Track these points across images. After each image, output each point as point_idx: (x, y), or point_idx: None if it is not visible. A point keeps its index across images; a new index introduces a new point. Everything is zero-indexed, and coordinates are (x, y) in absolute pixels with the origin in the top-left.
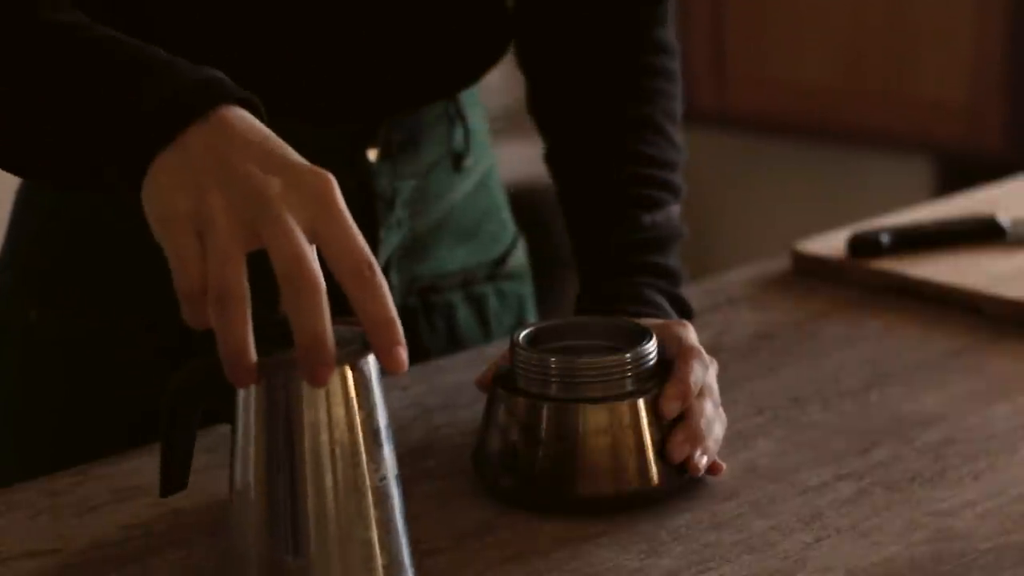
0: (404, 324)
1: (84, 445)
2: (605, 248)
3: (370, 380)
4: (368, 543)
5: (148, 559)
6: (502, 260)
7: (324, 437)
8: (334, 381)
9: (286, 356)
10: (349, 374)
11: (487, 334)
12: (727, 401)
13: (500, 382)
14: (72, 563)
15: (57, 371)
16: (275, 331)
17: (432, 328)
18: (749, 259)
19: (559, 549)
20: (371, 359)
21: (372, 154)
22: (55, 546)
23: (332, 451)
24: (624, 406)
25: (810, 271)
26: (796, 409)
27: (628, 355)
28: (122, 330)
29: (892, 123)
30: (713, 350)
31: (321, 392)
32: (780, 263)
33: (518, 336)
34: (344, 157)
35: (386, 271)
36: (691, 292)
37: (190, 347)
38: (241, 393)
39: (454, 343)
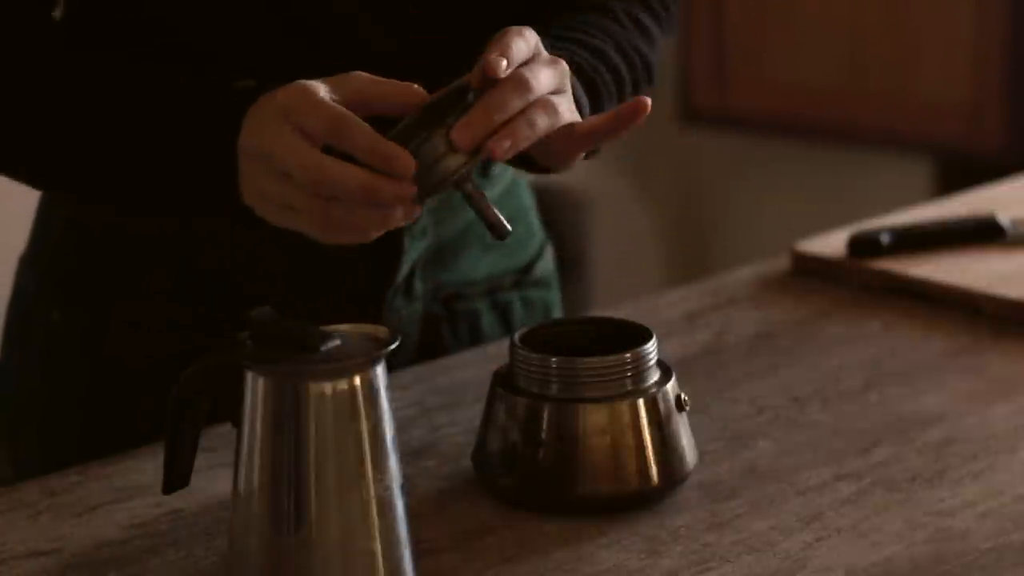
0: (428, 331)
1: (105, 442)
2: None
3: (378, 391)
4: (371, 553)
5: (148, 559)
6: (529, 267)
7: (330, 446)
8: (341, 391)
9: (296, 362)
10: (358, 383)
11: None
12: (727, 401)
13: (500, 382)
14: (72, 563)
15: (79, 370)
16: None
17: (456, 335)
18: (749, 259)
19: (559, 549)
20: (380, 369)
21: None
22: (55, 546)
23: (338, 460)
24: (624, 406)
25: (810, 271)
26: (796, 409)
27: (628, 355)
28: (142, 331)
29: (892, 123)
30: (713, 350)
31: (329, 401)
32: (780, 263)
33: (517, 337)
34: None
35: (410, 279)
36: (691, 292)
37: (207, 348)
38: (248, 397)
39: None
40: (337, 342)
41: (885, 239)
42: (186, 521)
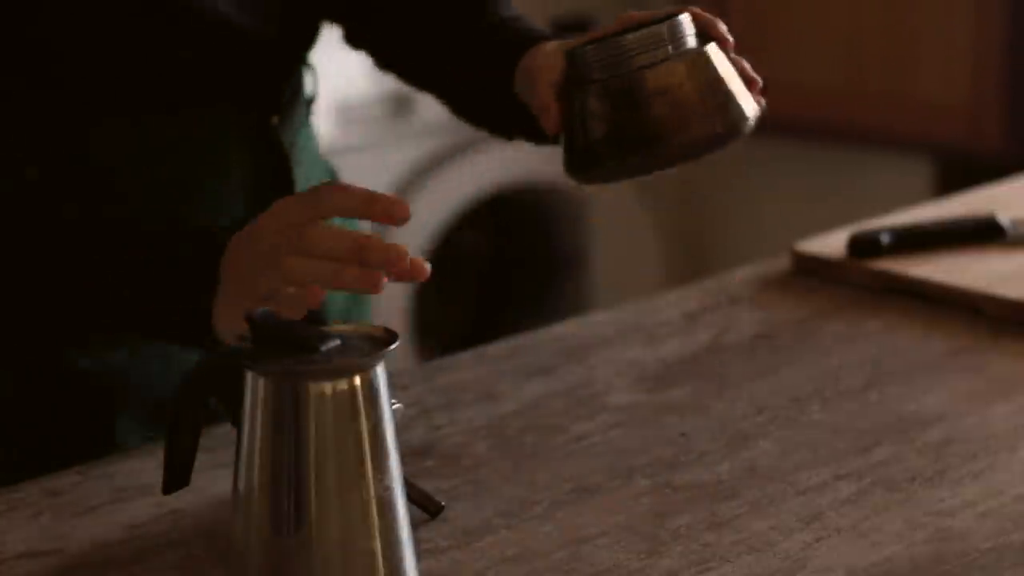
0: None
1: (87, 446)
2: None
3: (379, 390)
4: (371, 553)
5: (148, 559)
6: None
7: (330, 446)
8: (341, 391)
9: (296, 362)
10: (358, 383)
11: None
12: (727, 401)
13: (568, 85)
14: (72, 563)
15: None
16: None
17: None
18: (749, 259)
19: (559, 549)
20: (380, 369)
21: (275, 120)
22: (55, 546)
23: (338, 460)
24: (699, 54)
25: (810, 271)
26: (796, 409)
27: (680, 16)
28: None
29: (892, 123)
30: (713, 350)
31: (329, 401)
32: (780, 263)
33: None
34: (255, 129)
35: None
36: (691, 292)
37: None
38: (248, 397)
39: None
40: (337, 342)
41: (885, 239)
42: (186, 521)
